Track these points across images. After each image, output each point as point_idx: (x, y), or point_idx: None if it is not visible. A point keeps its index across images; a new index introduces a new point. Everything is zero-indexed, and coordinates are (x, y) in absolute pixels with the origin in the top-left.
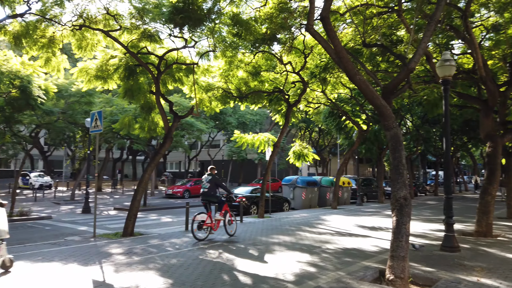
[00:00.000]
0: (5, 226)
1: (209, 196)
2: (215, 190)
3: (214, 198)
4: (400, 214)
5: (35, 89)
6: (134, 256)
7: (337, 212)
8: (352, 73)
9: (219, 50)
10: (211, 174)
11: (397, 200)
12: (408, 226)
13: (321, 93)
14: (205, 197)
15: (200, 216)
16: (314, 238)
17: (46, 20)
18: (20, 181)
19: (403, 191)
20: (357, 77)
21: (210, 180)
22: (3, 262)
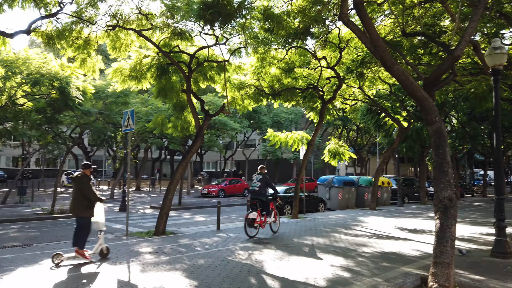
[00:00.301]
0: (103, 219)
1: (259, 194)
2: (265, 189)
3: (264, 197)
4: (444, 216)
5: (73, 90)
6: (162, 255)
7: (376, 213)
8: (390, 63)
9: (250, 46)
10: (262, 173)
11: (440, 201)
12: (454, 230)
13: (359, 89)
14: (255, 195)
15: (252, 214)
16: (349, 241)
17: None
18: (65, 180)
19: (447, 191)
20: (395, 67)
21: (261, 179)
22: (101, 250)
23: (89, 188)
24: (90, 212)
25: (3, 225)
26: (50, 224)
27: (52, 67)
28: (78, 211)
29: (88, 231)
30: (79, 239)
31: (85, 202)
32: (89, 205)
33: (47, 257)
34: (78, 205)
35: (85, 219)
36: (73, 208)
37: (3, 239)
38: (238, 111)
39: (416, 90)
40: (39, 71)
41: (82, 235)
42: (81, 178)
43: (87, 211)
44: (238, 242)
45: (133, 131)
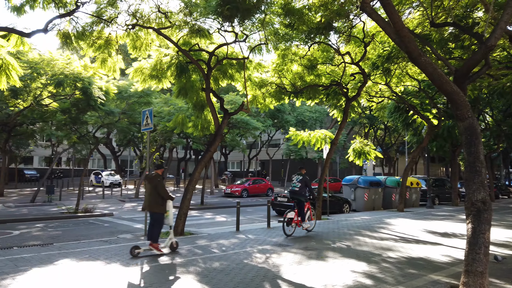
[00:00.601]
0: (172, 215)
1: (298, 195)
2: (305, 189)
3: (303, 198)
4: (477, 220)
5: (95, 90)
6: (177, 257)
7: (404, 215)
8: (416, 54)
9: (271, 43)
10: (301, 174)
11: (473, 204)
12: (488, 235)
13: (385, 86)
14: (295, 195)
15: (290, 214)
16: (374, 244)
17: (101, 21)
18: (93, 179)
19: (480, 193)
20: (421, 58)
21: (301, 180)
22: (171, 244)
23: (162, 187)
24: (163, 208)
25: (28, 224)
26: (73, 223)
27: (75, 67)
28: (153, 207)
29: (161, 226)
30: (153, 233)
31: (159, 199)
32: (162, 202)
33: (63, 257)
34: (153, 202)
35: (159, 214)
36: (148, 205)
37: (26, 237)
38: (259, 109)
39: (446, 83)
40: (62, 72)
41: (155, 229)
42: (155, 177)
43: (160, 207)
44: (257, 244)
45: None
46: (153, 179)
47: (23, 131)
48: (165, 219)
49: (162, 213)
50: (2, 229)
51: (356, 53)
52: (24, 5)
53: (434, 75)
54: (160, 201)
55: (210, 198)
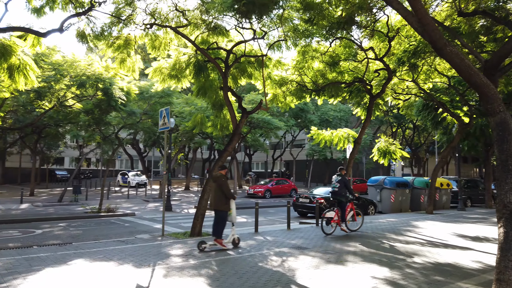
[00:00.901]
0: (235, 213)
1: (338, 195)
2: (344, 190)
3: (343, 198)
4: (509, 224)
5: (116, 91)
6: (191, 259)
7: (433, 218)
8: (441, 44)
9: (290, 40)
10: (341, 174)
11: (505, 206)
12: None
13: (412, 82)
14: (335, 196)
15: (329, 213)
16: (398, 248)
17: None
18: (120, 179)
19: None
20: (447, 48)
21: (340, 180)
22: (234, 240)
23: (227, 186)
24: (227, 206)
25: (52, 223)
26: (95, 222)
27: (96, 68)
28: (218, 205)
29: (225, 223)
30: (217, 229)
31: (223, 198)
32: (226, 201)
33: (78, 257)
34: (218, 200)
35: (223, 212)
36: (213, 203)
37: (48, 236)
38: (280, 108)
39: (474, 75)
40: (84, 73)
41: (220, 226)
42: (220, 177)
43: (224, 205)
44: (274, 247)
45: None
46: (218, 179)
47: (51, 132)
48: (228, 217)
49: (226, 211)
50: (26, 228)
51: (380, 48)
52: (44, 6)
53: (461, 66)
54: (224, 200)
55: None
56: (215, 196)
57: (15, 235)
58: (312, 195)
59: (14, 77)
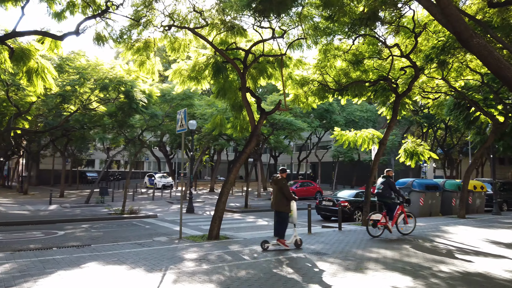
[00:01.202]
0: (296, 215)
1: (383, 197)
2: (389, 191)
3: (388, 199)
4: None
5: (137, 93)
6: (204, 263)
7: (464, 222)
8: (466, 35)
9: (310, 38)
10: (386, 176)
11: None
12: None
13: (442, 80)
14: (379, 197)
15: (375, 215)
16: (425, 256)
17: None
18: (147, 181)
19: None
20: (474, 40)
21: (384, 182)
22: (296, 241)
23: (287, 189)
24: (288, 208)
25: (75, 224)
26: (117, 224)
27: (118, 71)
28: (279, 207)
29: (286, 223)
30: (280, 230)
31: (284, 200)
32: (287, 203)
33: (92, 260)
34: (279, 202)
35: (284, 214)
36: (275, 204)
37: (69, 238)
38: (302, 109)
39: (505, 69)
40: (106, 76)
41: (282, 227)
42: (281, 180)
43: (286, 207)
44: (291, 252)
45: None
46: (278, 182)
47: (76, 135)
48: (290, 218)
49: (287, 213)
50: (50, 229)
51: (406, 45)
52: (64, 10)
53: (490, 59)
54: (285, 202)
55: (256, 201)
56: (276, 198)
57: (38, 236)
58: (336, 198)
59: (32, 81)
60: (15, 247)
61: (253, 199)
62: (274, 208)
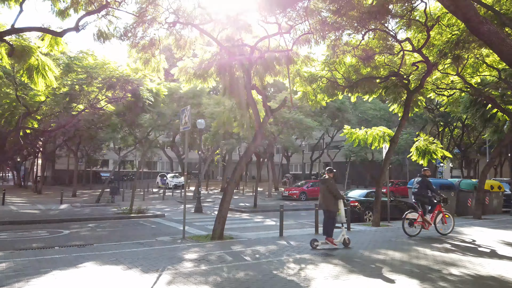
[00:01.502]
0: (344, 214)
1: (419, 196)
2: (426, 191)
3: (425, 199)
4: None
5: (144, 92)
6: (203, 264)
7: (480, 224)
8: (476, 22)
9: (317, 33)
10: (423, 175)
11: None
12: None
13: (457, 76)
14: (416, 196)
15: (411, 214)
16: (435, 258)
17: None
18: (159, 181)
19: None
20: (484, 27)
21: (420, 182)
22: (344, 240)
23: (335, 188)
24: (336, 207)
25: (82, 224)
26: (124, 223)
27: (124, 70)
28: (327, 206)
29: (334, 222)
30: (328, 229)
31: (332, 199)
32: (335, 202)
33: (90, 260)
34: (327, 201)
35: (332, 212)
36: (322, 203)
37: (73, 237)
38: (311, 107)
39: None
40: (113, 75)
41: (330, 225)
42: (328, 180)
43: (333, 206)
44: (295, 253)
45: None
46: (326, 181)
47: (83, 134)
48: (338, 217)
49: (335, 211)
50: (57, 228)
51: (418, 39)
52: (68, 8)
53: (502, 47)
54: (333, 201)
55: (267, 200)
56: (324, 198)
57: (42, 235)
58: (346, 198)
59: (33, 78)
60: (18, 246)
61: (263, 199)
62: (322, 207)
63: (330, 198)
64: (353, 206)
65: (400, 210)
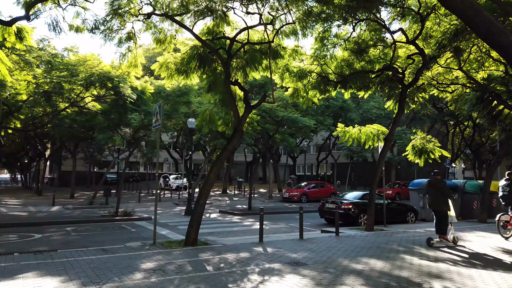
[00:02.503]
0: (454, 213)
1: (510, 199)
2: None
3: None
4: None
5: (126, 89)
6: (155, 275)
7: (484, 228)
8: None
9: (300, 23)
10: (510, 179)
11: None
12: None
13: (460, 71)
14: (506, 200)
15: (504, 216)
16: (420, 268)
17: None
18: (162, 182)
19: None
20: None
21: (509, 185)
22: (454, 238)
23: (447, 189)
24: (448, 207)
25: (60, 227)
26: (103, 227)
27: (104, 66)
28: (439, 206)
29: (447, 221)
30: (441, 227)
31: (444, 199)
32: (446, 202)
33: (34, 270)
34: (439, 202)
35: (444, 212)
36: (435, 204)
37: (42, 242)
38: (301, 104)
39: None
40: (93, 72)
41: (443, 224)
42: (439, 181)
43: (445, 206)
44: (265, 262)
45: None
46: (437, 183)
47: (65, 134)
48: (448, 217)
49: (446, 211)
50: (31, 232)
51: (414, 30)
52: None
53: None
54: (445, 201)
55: (266, 202)
56: (436, 198)
57: (11, 239)
58: (340, 200)
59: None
60: None
61: (263, 201)
62: (434, 207)
63: (442, 198)
64: (347, 209)
65: (398, 213)
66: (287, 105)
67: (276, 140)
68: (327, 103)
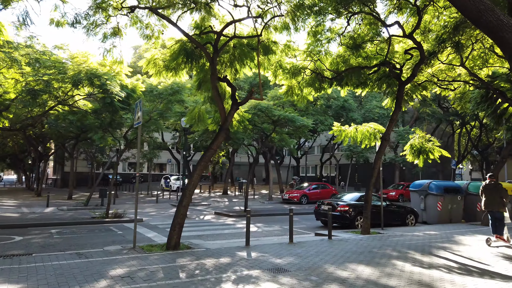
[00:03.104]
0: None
1: None
2: None
3: None
4: None
5: (114, 87)
6: (120, 283)
7: (487, 231)
8: None
9: (289, 15)
10: None
11: None
12: None
13: (462, 67)
14: None
15: None
16: (411, 276)
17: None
18: (163, 183)
19: None
20: None
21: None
22: (507, 237)
23: (505, 192)
24: (504, 208)
25: (44, 229)
26: (89, 229)
27: (90, 63)
28: (496, 207)
29: (503, 222)
30: (498, 228)
31: (501, 201)
32: (503, 203)
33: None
34: (496, 203)
35: (500, 213)
36: (492, 205)
37: (19, 245)
38: (296, 102)
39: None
40: (80, 70)
41: (500, 225)
42: (494, 184)
43: (502, 207)
44: (244, 268)
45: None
46: (495, 186)
47: (53, 133)
48: (505, 218)
49: (503, 212)
50: (11, 234)
51: (412, 24)
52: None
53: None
54: (502, 202)
55: (266, 204)
56: (493, 200)
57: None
58: (336, 202)
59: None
60: None
61: (262, 203)
62: (491, 208)
63: (499, 200)
64: (343, 211)
65: (396, 215)
66: (285, 104)
67: (274, 140)
68: (328, 102)
